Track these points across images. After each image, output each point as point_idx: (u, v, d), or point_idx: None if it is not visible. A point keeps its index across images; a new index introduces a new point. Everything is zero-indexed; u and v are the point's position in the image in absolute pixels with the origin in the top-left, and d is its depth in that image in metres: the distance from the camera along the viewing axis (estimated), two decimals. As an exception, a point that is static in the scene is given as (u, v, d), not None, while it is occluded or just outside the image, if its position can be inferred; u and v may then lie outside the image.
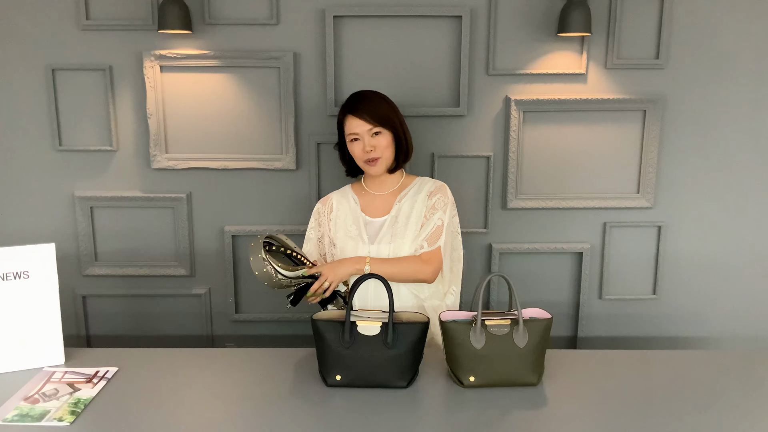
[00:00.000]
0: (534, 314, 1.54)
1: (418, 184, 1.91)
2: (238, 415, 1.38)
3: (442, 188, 1.89)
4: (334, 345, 1.47)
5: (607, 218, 2.42)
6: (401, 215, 1.85)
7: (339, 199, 1.95)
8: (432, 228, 1.81)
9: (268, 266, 1.66)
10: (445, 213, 1.83)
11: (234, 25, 2.27)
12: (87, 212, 2.39)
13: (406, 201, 1.88)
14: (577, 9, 2.13)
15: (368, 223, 1.88)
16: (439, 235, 1.81)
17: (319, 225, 1.96)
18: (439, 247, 1.80)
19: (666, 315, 2.49)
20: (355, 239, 1.85)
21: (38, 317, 1.61)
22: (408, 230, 1.82)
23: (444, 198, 1.86)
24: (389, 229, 1.84)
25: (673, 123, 2.35)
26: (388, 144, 1.82)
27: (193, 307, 2.49)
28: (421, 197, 1.87)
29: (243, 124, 2.34)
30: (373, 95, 1.86)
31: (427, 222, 1.82)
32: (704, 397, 1.45)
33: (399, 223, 1.84)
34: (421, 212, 1.84)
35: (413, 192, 1.89)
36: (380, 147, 1.81)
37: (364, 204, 1.91)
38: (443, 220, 1.82)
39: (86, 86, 2.31)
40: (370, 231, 1.86)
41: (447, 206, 1.85)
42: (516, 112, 2.30)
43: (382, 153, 1.81)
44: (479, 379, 1.48)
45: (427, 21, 2.27)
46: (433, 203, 1.85)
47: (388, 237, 1.83)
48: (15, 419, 1.35)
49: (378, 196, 1.91)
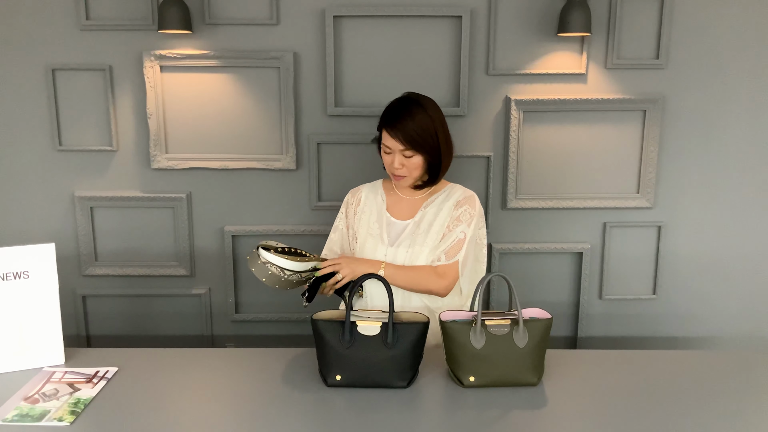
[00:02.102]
0: (534, 314, 1.54)
1: (447, 192, 1.83)
2: (238, 415, 1.38)
3: (470, 199, 1.80)
4: (334, 345, 1.47)
5: (607, 218, 2.42)
6: (424, 221, 1.78)
7: (368, 194, 1.88)
8: (453, 241, 1.73)
9: (272, 268, 1.62)
10: (470, 226, 1.75)
11: (234, 25, 2.27)
12: (87, 212, 2.39)
13: (431, 207, 1.80)
14: (577, 9, 2.13)
15: (391, 224, 1.81)
16: (458, 249, 1.72)
17: (346, 216, 1.89)
18: (457, 261, 1.71)
19: (666, 315, 2.49)
20: (375, 238, 1.79)
21: (38, 317, 1.61)
22: (428, 238, 1.75)
23: (471, 210, 1.77)
24: (410, 234, 1.77)
25: (673, 123, 2.35)
26: (419, 165, 1.73)
27: (193, 307, 2.49)
28: (448, 206, 1.79)
29: (243, 124, 2.34)
30: (416, 111, 1.70)
31: (450, 233, 1.74)
32: (704, 397, 1.45)
33: (421, 229, 1.77)
34: (445, 221, 1.76)
35: (441, 199, 1.81)
36: (410, 167, 1.73)
37: (390, 203, 1.84)
38: (466, 234, 1.73)
39: (86, 86, 2.31)
40: (392, 233, 1.80)
41: (473, 219, 1.76)
42: (516, 112, 2.30)
43: (410, 173, 1.74)
44: (479, 379, 1.48)
45: (427, 21, 2.27)
46: (458, 215, 1.76)
47: (408, 242, 1.76)
48: (15, 419, 1.35)
49: (405, 199, 1.84)
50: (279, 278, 1.62)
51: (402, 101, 1.74)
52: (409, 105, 1.72)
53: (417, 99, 1.74)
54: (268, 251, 1.64)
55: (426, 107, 1.72)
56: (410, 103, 1.72)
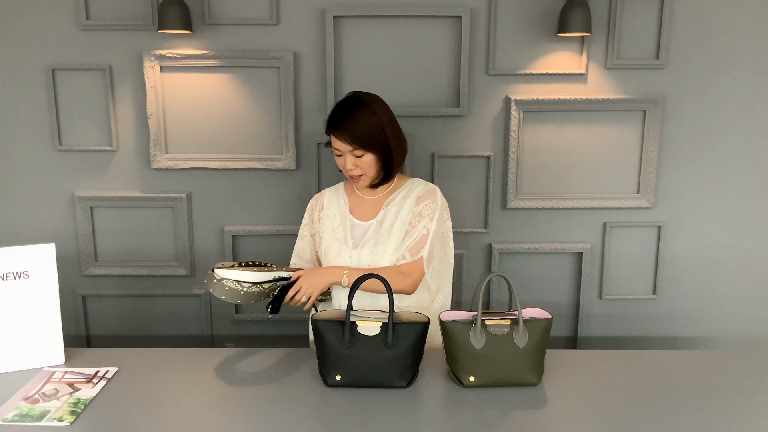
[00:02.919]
0: (534, 314, 1.54)
1: (408, 188, 1.81)
2: (238, 415, 1.38)
3: (431, 193, 1.78)
4: (334, 345, 1.47)
5: (607, 218, 2.42)
6: (387, 220, 1.76)
7: (330, 198, 1.87)
8: (416, 237, 1.71)
9: (228, 283, 1.58)
10: (432, 221, 1.73)
11: (234, 25, 2.27)
12: (87, 212, 2.39)
13: (393, 205, 1.78)
14: (577, 9, 2.13)
15: (355, 226, 1.79)
16: (422, 245, 1.70)
17: (312, 222, 1.89)
18: (421, 257, 1.70)
19: (666, 315, 2.49)
20: (340, 242, 1.77)
21: (38, 317, 1.61)
22: (392, 237, 1.73)
23: (432, 204, 1.75)
24: (374, 234, 1.75)
25: (673, 123, 2.35)
26: (372, 164, 1.70)
27: (193, 307, 2.49)
28: (409, 202, 1.77)
29: (243, 124, 2.34)
30: (359, 110, 1.68)
31: (412, 230, 1.72)
32: (704, 397, 1.45)
33: (384, 228, 1.75)
34: (407, 218, 1.75)
35: (402, 196, 1.79)
36: (363, 167, 1.70)
37: (353, 205, 1.83)
38: (429, 229, 1.72)
39: (86, 86, 2.31)
40: (356, 234, 1.78)
41: (435, 213, 1.74)
42: (516, 112, 2.30)
43: (365, 172, 1.72)
44: (479, 379, 1.48)
45: (427, 21, 2.27)
46: (420, 210, 1.74)
47: (372, 242, 1.74)
48: (15, 419, 1.35)
49: (367, 199, 1.82)
50: (238, 292, 1.58)
51: (345, 101, 1.72)
52: (353, 104, 1.69)
53: (360, 97, 1.71)
54: (223, 266, 1.62)
55: (370, 105, 1.69)
56: (354, 103, 1.70)
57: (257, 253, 2.43)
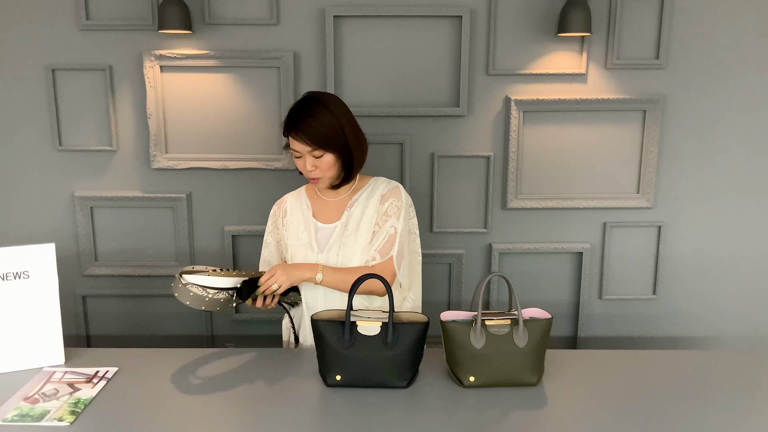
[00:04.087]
0: (534, 314, 1.54)
1: (371, 187, 1.78)
2: (238, 415, 1.38)
3: (395, 191, 1.75)
4: (334, 345, 1.47)
5: (607, 218, 2.42)
6: (351, 222, 1.73)
7: (293, 203, 1.84)
8: (384, 237, 1.70)
9: (193, 288, 1.55)
10: (399, 219, 1.71)
11: (234, 25, 2.27)
12: (87, 212, 2.39)
13: (357, 206, 1.75)
14: (577, 9, 2.13)
15: (319, 230, 1.76)
16: (391, 245, 1.69)
17: (276, 228, 1.86)
18: (391, 257, 1.69)
19: (666, 315, 2.49)
20: (305, 247, 1.75)
21: (38, 317, 1.61)
22: (358, 238, 1.71)
23: (397, 202, 1.73)
24: (339, 236, 1.73)
25: (673, 123, 2.35)
26: (332, 164, 1.67)
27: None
28: (373, 202, 1.74)
29: (243, 124, 2.34)
30: (317, 110, 1.64)
31: (380, 230, 1.71)
32: (704, 397, 1.45)
33: (349, 230, 1.72)
34: (372, 218, 1.72)
35: (365, 196, 1.76)
36: (323, 167, 1.67)
37: (316, 209, 1.80)
38: (396, 228, 1.70)
39: (86, 86, 2.31)
40: (321, 238, 1.75)
41: (401, 211, 1.72)
42: (516, 112, 2.30)
43: (324, 173, 1.68)
44: (479, 379, 1.48)
45: (427, 21, 2.27)
46: (385, 209, 1.72)
47: (337, 245, 1.72)
48: (15, 419, 1.35)
49: (330, 201, 1.79)
50: (203, 298, 1.56)
51: (302, 102, 1.68)
52: (310, 104, 1.66)
53: (317, 97, 1.68)
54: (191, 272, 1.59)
55: (327, 104, 1.66)
56: (311, 103, 1.66)
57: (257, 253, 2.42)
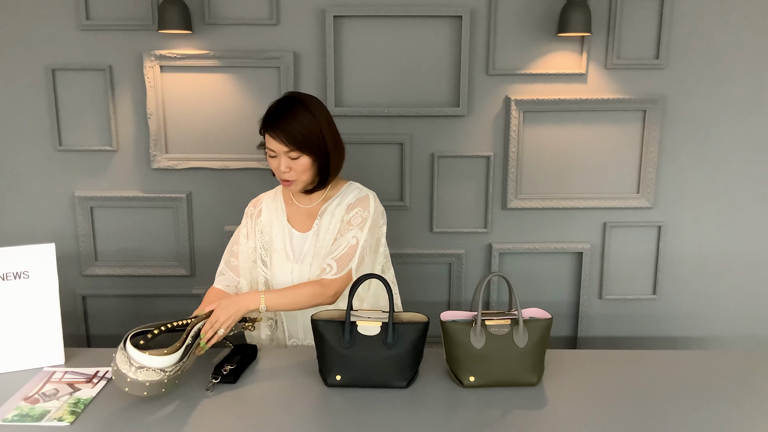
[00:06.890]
0: (534, 314, 1.54)
1: (342, 195, 1.72)
2: (237, 414, 1.38)
3: (363, 200, 1.69)
4: (334, 345, 1.47)
5: (607, 218, 2.42)
6: (322, 231, 1.69)
7: (268, 204, 1.78)
8: (344, 248, 1.62)
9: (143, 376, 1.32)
10: (363, 230, 1.64)
11: (234, 25, 2.27)
12: (87, 212, 2.39)
13: (326, 216, 1.70)
14: (577, 9, 2.13)
15: (294, 237, 1.72)
16: (351, 257, 1.62)
17: (247, 228, 1.80)
18: (350, 270, 1.61)
19: (666, 315, 2.49)
20: (280, 253, 1.71)
21: (38, 317, 1.61)
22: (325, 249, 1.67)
23: (363, 212, 1.66)
24: (312, 246, 1.68)
25: (673, 123, 2.35)
26: (307, 168, 1.61)
27: (193, 307, 2.46)
28: (339, 211, 1.69)
29: (243, 124, 2.34)
30: (298, 110, 1.59)
31: (341, 238, 1.64)
32: (704, 397, 1.45)
33: (320, 240, 1.68)
34: (336, 227, 1.67)
35: (334, 205, 1.71)
36: (297, 170, 1.61)
37: (290, 214, 1.75)
38: (358, 239, 1.62)
39: (86, 86, 2.31)
40: (296, 247, 1.72)
41: (366, 222, 1.65)
42: (516, 112, 2.30)
43: (298, 176, 1.62)
44: (479, 379, 1.48)
45: (427, 21, 2.27)
46: (350, 218, 1.66)
47: (311, 256, 1.68)
48: (15, 419, 1.35)
49: (303, 209, 1.74)
50: (161, 382, 1.35)
51: (283, 101, 1.63)
52: (291, 104, 1.61)
53: (298, 97, 1.63)
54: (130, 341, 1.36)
55: (309, 105, 1.61)
56: (292, 102, 1.62)
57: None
